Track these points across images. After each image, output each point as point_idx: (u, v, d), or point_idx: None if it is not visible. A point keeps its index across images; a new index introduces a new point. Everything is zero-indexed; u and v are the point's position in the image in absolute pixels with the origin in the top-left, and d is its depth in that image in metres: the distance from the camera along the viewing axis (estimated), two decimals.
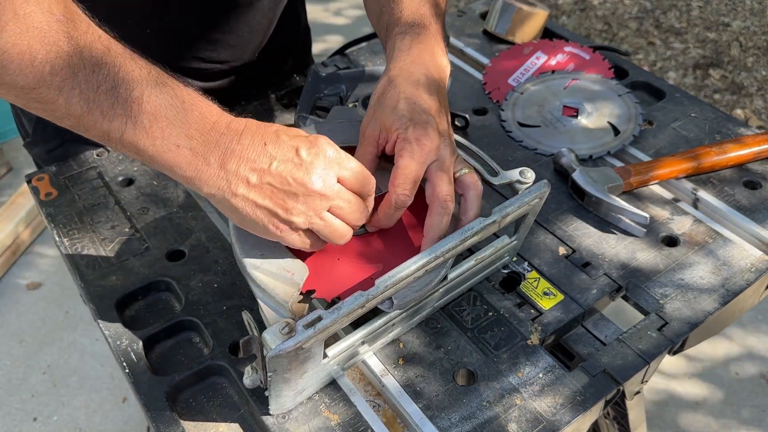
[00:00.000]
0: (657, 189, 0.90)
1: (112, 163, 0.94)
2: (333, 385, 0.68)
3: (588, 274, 0.78)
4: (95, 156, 0.95)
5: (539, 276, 0.78)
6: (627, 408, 1.06)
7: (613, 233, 0.83)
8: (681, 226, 0.84)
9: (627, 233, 0.83)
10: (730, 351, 1.80)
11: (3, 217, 2.06)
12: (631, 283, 0.77)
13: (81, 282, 0.78)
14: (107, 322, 0.74)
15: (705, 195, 0.88)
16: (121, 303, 0.76)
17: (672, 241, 0.83)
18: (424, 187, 0.67)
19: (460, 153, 0.70)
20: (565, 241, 0.82)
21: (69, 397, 1.74)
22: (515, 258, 0.79)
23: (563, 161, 0.90)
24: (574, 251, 0.81)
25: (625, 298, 0.77)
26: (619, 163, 0.93)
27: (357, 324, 0.63)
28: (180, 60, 0.95)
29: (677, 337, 0.71)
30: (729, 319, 0.82)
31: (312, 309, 0.62)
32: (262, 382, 0.60)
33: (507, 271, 0.78)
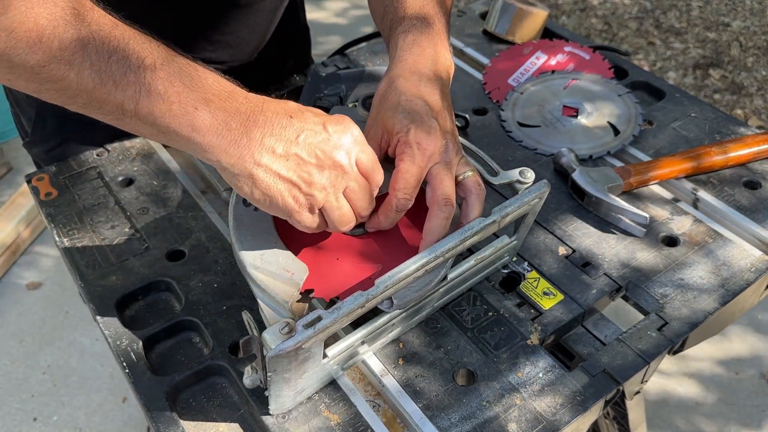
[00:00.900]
0: (657, 189, 0.90)
1: (112, 163, 0.94)
2: (333, 385, 0.68)
3: (588, 274, 0.78)
4: (95, 156, 0.95)
5: (539, 276, 0.78)
6: (627, 408, 1.06)
7: (613, 233, 0.83)
8: (681, 226, 0.84)
9: (627, 233, 0.83)
10: (729, 351, 1.80)
11: (3, 217, 2.06)
12: (631, 283, 0.77)
13: (81, 282, 0.78)
14: (107, 322, 0.74)
15: (705, 195, 0.88)
16: (121, 303, 0.76)
17: (672, 241, 0.83)
18: (425, 188, 0.66)
19: (463, 155, 0.69)
20: (565, 241, 0.82)
21: (69, 397, 1.74)
22: (515, 258, 0.79)
23: (563, 161, 0.90)
24: (573, 251, 0.81)
25: (625, 298, 0.77)
26: (619, 163, 0.93)
27: (357, 324, 0.63)
28: None
29: (677, 337, 0.71)
30: (729, 319, 0.82)
31: (312, 309, 0.62)
32: (262, 382, 0.60)
33: (507, 271, 0.78)
